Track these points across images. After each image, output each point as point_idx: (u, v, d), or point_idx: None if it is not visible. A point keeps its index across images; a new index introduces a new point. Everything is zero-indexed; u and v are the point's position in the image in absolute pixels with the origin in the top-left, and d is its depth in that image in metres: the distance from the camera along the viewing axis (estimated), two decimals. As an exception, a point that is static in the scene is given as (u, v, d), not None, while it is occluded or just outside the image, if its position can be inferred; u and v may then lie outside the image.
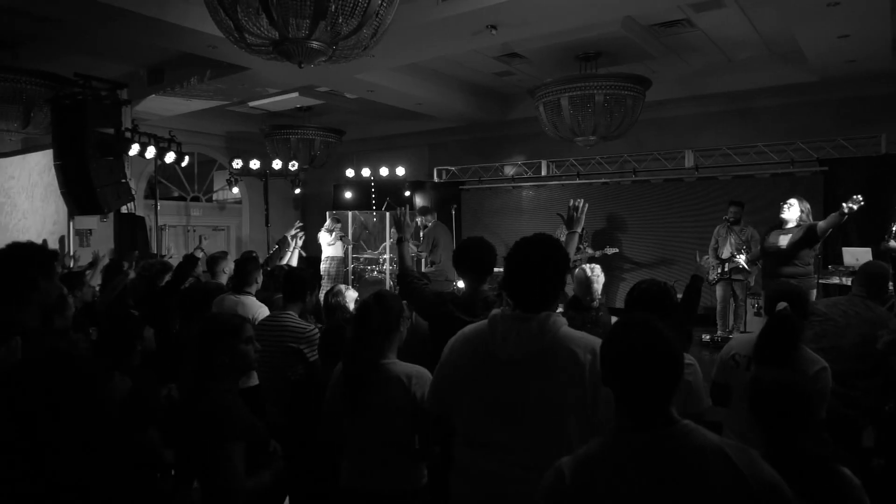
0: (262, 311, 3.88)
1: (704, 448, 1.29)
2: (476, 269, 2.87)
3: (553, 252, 1.82)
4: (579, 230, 3.04)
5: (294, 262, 5.21)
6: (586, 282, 4.39)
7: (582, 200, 3.09)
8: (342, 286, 4.02)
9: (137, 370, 2.68)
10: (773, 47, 7.68)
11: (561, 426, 1.65)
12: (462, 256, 2.88)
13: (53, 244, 8.32)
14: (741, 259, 6.76)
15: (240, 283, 4.09)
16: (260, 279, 4.20)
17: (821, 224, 5.31)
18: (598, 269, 4.49)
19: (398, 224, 3.24)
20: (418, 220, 8.25)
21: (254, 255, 5.04)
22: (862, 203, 4.88)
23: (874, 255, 6.00)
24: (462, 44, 6.76)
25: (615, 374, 1.37)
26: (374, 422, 2.22)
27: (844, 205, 4.93)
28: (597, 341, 1.74)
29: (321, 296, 4.38)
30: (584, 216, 3.08)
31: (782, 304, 2.61)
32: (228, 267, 4.60)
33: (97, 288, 4.71)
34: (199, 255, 4.51)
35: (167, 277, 4.48)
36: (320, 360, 3.17)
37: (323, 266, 9.40)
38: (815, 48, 6.67)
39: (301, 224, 5.66)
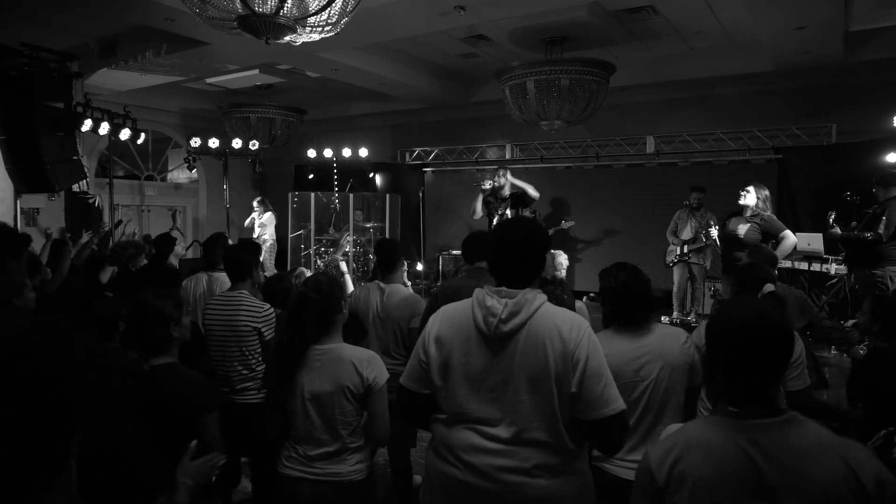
0: None
1: (821, 439, 1.28)
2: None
3: (535, 231, 1.87)
4: None
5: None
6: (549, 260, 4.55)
7: None
8: (303, 268, 4.04)
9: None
10: (733, 36, 7.85)
11: (549, 398, 1.69)
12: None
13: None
14: (713, 232, 6.80)
15: (211, 261, 4.11)
16: None
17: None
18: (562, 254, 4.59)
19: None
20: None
21: (224, 234, 4.98)
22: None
23: (825, 240, 6.25)
24: (430, 24, 6.68)
25: (735, 354, 1.33)
26: (325, 405, 2.17)
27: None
28: (576, 316, 1.79)
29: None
30: None
31: (769, 287, 2.62)
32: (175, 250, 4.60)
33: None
34: (176, 234, 4.42)
35: (143, 260, 4.42)
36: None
37: (267, 255, 9.30)
38: (772, 38, 6.84)
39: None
